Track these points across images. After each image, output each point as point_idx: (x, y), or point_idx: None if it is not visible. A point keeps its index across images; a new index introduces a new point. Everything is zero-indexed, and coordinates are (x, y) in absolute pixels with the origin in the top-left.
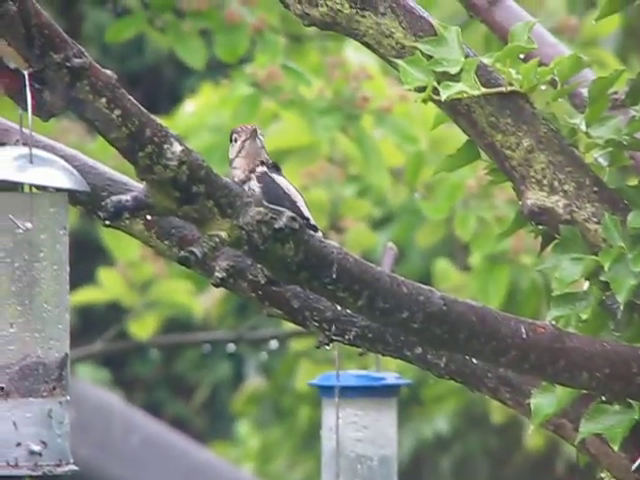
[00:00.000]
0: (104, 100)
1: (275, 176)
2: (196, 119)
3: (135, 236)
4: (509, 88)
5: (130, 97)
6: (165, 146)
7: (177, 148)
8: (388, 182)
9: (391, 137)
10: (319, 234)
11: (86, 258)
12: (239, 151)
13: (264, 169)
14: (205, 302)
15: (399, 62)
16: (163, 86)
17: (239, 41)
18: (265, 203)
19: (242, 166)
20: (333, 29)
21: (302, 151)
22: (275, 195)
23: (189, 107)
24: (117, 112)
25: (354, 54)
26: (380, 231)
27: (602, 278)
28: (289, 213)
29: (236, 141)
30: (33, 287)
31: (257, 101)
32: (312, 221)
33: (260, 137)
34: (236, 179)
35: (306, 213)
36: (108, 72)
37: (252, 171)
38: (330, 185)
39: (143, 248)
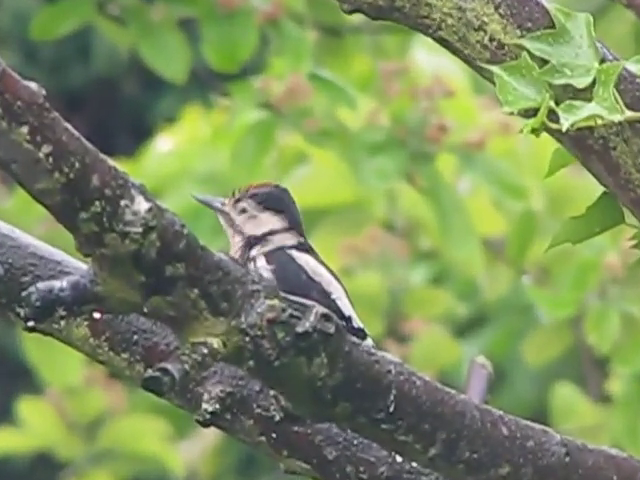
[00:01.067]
0: (25, 130)
1: (296, 254)
2: (175, 162)
3: (76, 346)
4: None
5: (68, 126)
6: (123, 202)
7: (142, 206)
8: (480, 261)
9: (485, 188)
10: (368, 342)
11: (0, 381)
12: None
13: (273, 245)
14: (189, 452)
15: (495, 70)
16: (122, 109)
17: (242, 37)
18: (282, 294)
19: (233, 250)
20: (390, 18)
21: (342, 211)
22: (295, 282)
23: (163, 143)
24: (46, 149)
25: (426, 56)
26: (467, 339)
27: None
28: (320, 308)
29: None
30: None
31: (271, 132)
32: (357, 322)
33: (249, 202)
34: None
35: (346, 310)
36: (32, 86)
37: (247, 253)
38: (388, 266)
39: (89, 366)
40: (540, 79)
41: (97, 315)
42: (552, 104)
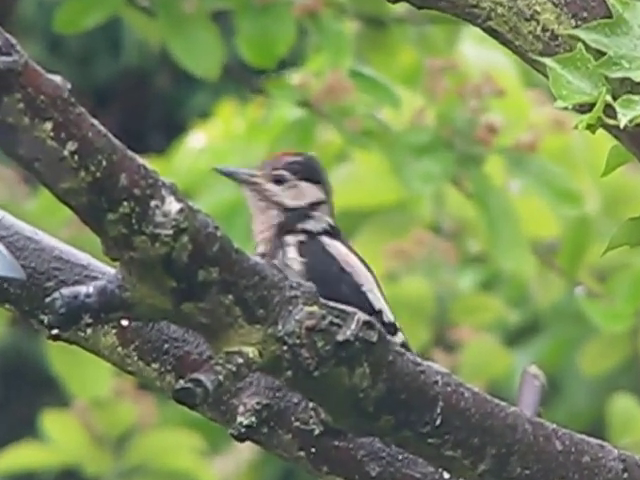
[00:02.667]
0: (49, 126)
1: (327, 242)
2: (208, 160)
3: (103, 356)
4: None
5: (94, 122)
6: (153, 203)
7: (173, 207)
8: (531, 269)
9: (536, 192)
10: (399, 337)
11: (22, 393)
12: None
13: (304, 236)
14: (223, 468)
15: (548, 62)
16: (152, 104)
17: (279, 32)
18: (322, 300)
19: (258, 233)
20: (437, 7)
21: (387, 212)
22: (325, 274)
23: (196, 140)
24: (71, 146)
25: (474, 49)
26: (519, 348)
27: None
28: (362, 315)
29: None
30: None
31: (309, 131)
32: (388, 316)
33: (286, 175)
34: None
35: (377, 303)
36: (57, 79)
37: (276, 239)
38: (435, 270)
39: (118, 376)
40: (596, 72)
41: (125, 323)
42: (609, 98)
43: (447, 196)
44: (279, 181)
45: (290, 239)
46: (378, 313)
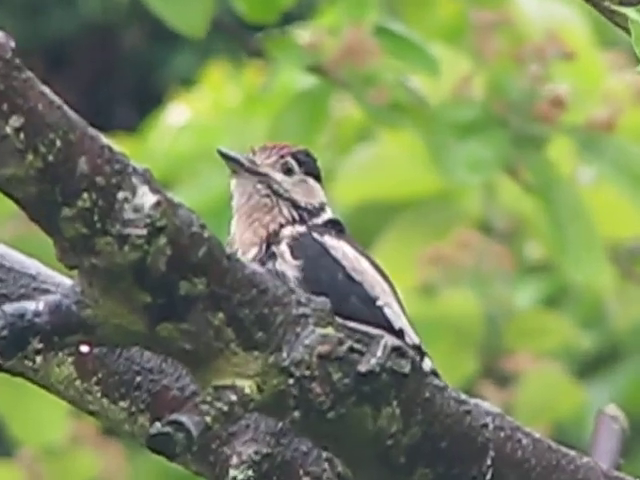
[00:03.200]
0: None
1: (330, 242)
2: (193, 139)
3: (57, 391)
4: None
5: (46, 90)
6: (120, 195)
7: (147, 200)
8: (609, 279)
9: (614, 183)
10: (427, 364)
11: None
12: (236, 205)
13: (302, 228)
14: None
15: (629, 13)
16: (121, 68)
17: None
18: (339, 320)
19: (242, 235)
20: None
21: (423, 206)
22: (329, 284)
23: (177, 114)
24: (16, 122)
25: (534, 1)
26: (593, 381)
27: None
28: (390, 339)
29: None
30: None
31: (322, 104)
32: (411, 337)
33: (291, 162)
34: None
35: (397, 321)
36: None
37: (270, 241)
38: (484, 282)
39: (76, 418)
40: None
41: (85, 349)
42: None
43: (500, 187)
44: (288, 172)
45: (283, 233)
46: (398, 333)
